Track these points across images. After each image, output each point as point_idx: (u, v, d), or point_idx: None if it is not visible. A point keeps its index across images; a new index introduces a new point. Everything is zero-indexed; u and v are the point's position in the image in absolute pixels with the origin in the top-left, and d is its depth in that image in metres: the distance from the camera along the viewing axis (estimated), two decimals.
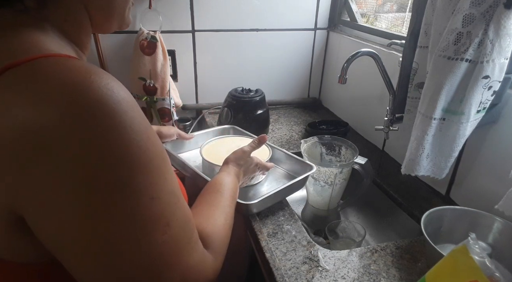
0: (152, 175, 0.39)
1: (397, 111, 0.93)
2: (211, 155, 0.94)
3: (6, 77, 0.35)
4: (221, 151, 0.97)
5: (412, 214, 0.91)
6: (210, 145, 1.01)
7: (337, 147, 1.01)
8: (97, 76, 0.37)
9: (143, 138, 0.38)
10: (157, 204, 0.39)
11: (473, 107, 0.70)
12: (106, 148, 0.35)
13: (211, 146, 1.01)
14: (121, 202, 0.37)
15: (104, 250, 0.37)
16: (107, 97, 0.36)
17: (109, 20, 0.51)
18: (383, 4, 1.54)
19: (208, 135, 1.11)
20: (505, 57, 0.66)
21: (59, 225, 0.36)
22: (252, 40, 1.42)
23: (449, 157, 0.77)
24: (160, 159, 0.41)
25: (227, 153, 0.84)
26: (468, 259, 0.49)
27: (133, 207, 0.37)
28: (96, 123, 0.35)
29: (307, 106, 1.58)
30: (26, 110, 0.33)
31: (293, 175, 0.95)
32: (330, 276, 0.68)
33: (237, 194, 0.74)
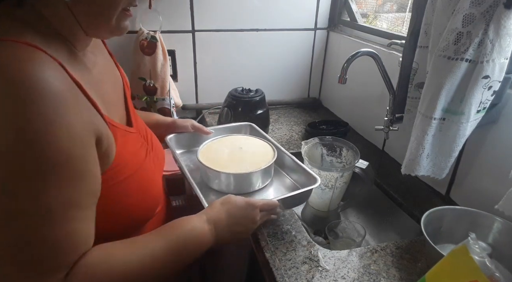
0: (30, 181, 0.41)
1: (397, 111, 0.93)
2: (210, 156, 0.87)
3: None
4: (222, 152, 0.89)
5: (412, 214, 0.91)
6: (211, 144, 0.93)
7: (338, 148, 1.01)
8: (25, 62, 0.40)
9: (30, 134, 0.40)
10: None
11: (473, 107, 0.70)
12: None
13: (211, 146, 0.92)
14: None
15: None
16: (18, 82, 0.39)
17: (95, 26, 0.52)
18: (383, 4, 1.54)
19: (225, 131, 1.03)
20: (505, 57, 0.66)
21: None
22: (252, 40, 1.42)
23: (449, 157, 0.77)
24: (46, 168, 0.41)
25: (228, 156, 0.82)
26: (468, 259, 0.49)
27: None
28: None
29: (307, 106, 1.58)
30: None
31: (295, 185, 0.87)
32: (330, 276, 0.68)
33: (197, 245, 0.60)
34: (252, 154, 0.89)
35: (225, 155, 0.88)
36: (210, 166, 0.81)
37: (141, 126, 0.71)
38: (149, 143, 0.69)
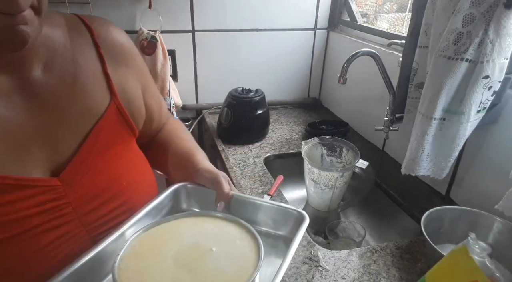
0: None
1: (397, 111, 0.93)
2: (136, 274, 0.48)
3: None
4: (163, 265, 0.49)
5: (412, 214, 0.91)
6: (144, 241, 0.53)
7: (338, 148, 1.01)
8: None
9: None
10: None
11: (473, 107, 0.70)
12: None
13: (144, 245, 0.52)
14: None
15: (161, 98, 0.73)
16: None
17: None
18: (383, 4, 1.54)
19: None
20: (505, 57, 0.66)
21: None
22: (252, 40, 1.42)
23: (449, 157, 0.77)
24: None
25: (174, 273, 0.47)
26: (468, 259, 0.49)
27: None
28: None
29: (307, 106, 1.58)
30: None
31: (275, 233, 0.62)
32: (330, 276, 0.68)
33: None
34: (223, 262, 0.49)
35: (168, 273, 0.48)
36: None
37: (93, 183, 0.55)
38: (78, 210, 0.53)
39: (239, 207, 0.62)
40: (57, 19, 0.56)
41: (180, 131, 0.78)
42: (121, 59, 0.61)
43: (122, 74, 0.61)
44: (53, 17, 0.56)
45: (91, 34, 0.58)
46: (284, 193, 0.96)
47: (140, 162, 0.67)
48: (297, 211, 0.57)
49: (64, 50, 0.54)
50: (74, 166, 0.53)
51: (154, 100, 0.71)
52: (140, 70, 0.66)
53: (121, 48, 0.61)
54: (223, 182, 0.62)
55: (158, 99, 0.74)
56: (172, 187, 0.65)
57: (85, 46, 0.57)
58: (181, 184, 0.66)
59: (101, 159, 0.56)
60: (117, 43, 0.61)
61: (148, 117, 0.69)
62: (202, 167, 0.65)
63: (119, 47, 0.61)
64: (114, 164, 0.59)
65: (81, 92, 0.55)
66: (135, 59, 0.65)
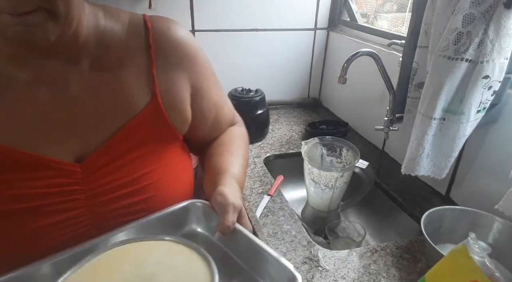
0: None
1: (397, 111, 0.93)
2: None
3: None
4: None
5: (412, 214, 0.91)
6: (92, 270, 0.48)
7: (338, 148, 1.01)
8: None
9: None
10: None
11: (473, 107, 0.70)
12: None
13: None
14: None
15: (220, 103, 0.70)
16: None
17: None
18: (383, 4, 1.54)
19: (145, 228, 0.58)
20: (505, 57, 0.66)
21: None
22: (252, 40, 1.42)
23: (449, 157, 0.77)
24: None
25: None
26: (468, 259, 0.49)
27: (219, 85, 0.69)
28: None
29: (307, 106, 1.58)
30: None
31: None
32: (330, 276, 0.68)
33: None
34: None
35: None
36: None
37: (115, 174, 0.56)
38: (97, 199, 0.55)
39: (237, 243, 0.56)
40: (122, 17, 0.59)
41: (231, 143, 0.72)
42: (175, 61, 0.61)
43: (171, 76, 0.60)
44: (119, 14, 0.59)
45: (148, 34, 0.59)
46: (284, 193, 0.96)
47: (177, 167, 0.65)
48: (290, 271, 0.49)
49: (117, 47, 0.57)
50: (98, 156, 0.55)
51: (208, 106, 0.67)
52: (198, 73, 0.64)
53: (176, 50, 0.61)
54: (229, 212, 0.55)
55: (215, 106, 0.69)
56: (183, 203, 0.61)
57: (138, 45, 0.59)
58: (191, 201, 0.61)
59: (127, 155, 0.57)
60: (173, 44, 0.61)
61: (197, 123, 0.66)
62: (220, 188, 0.58)
63: (174, 49, 0.61)
64: (141, 162, 0.59)
65: (121, 89, 0.57)
66: (193, 61, 0.63)
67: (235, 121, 0.79)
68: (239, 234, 0.55)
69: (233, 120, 0.78)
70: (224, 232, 0.55)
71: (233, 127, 0.77)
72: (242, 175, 0.67)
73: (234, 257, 0.55)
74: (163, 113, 0.59)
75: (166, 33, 0.60)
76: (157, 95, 0.58)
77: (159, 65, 0.59)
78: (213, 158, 0.69)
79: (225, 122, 0.74)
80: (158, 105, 0.59)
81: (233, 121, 0.78)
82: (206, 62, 0.67)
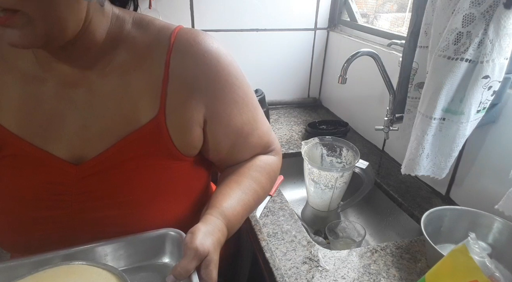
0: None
1: (397, 111, 0.93)
2: None
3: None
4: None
5: (412, 214, 0.91)
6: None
7: (338, 148, 1.01)
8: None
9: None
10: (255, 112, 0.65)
11: (473, 107, 0.70)
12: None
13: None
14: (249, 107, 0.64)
15: (246, 130, 0.64)
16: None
17: None
18: (383, 4, 1.54)
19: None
20: (505, 57, 0.66)
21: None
22: (252, 40, 1.42)
23: (449, 157, 0.77)
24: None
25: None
26: (468, 259, 0.49)
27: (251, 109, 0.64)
28: None
29: (307, 106, 1.58)
30: None
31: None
32: (330, 276, 0.68)
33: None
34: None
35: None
36: None
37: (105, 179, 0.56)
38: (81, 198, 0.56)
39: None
40: (151, 27, 0.58)
41: (246, 176, 0.65)
42: (191, 81, 0.57)
43: (182, 95, 0.57)
44: (149, 24, 0.58)
45: (168, 51, 0.56)
46: (284, 193, 0.96)
47: (173, 189, 0.61)
48: None
49: (135, 57, 0.56)
50: (93, 162, 0.56)
51: (225, 132, 0.62)
52: (215, 96, 0.58)
53: (195, 69, 0.56)
54: (188, 257, 0.49)
55: (235, 134, 0.63)
56: (160, 230, 0.58)
57: (156, 60, 0.56)
58: (167, 230, 0.58)
59: (121, 166, 0.56)
60: (193, 63, 0.56)
61: (210, 148, 0.63)
62: (197, 225, 0.53)
63: (193, 68, 0.56)
64: (133, 176, 0.57)
65: (128, 99, 0.56)
66: (214, 82, 0.58)
67: (270, 149, 0.71)
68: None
69: (266, 148, 0.70)
70: (177, 278, 0.49)
71: (262, 157, 0.69)
72: (236, 213, 0.59)
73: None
74: (164, 132, 0.56)
75: (187, 49, 0.56)
76: (162, 113, 0.56)
77: (172, 83, 0.56)
78: (219, 185, 0.64)
79: (250, 150, 0.67)
80: (161, 123, 0.56)
81: (265, 149, 0.70)
82: (231, 84, 0.60)
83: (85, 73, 0.55)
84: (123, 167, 0.56)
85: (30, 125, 0.55)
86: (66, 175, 0.56)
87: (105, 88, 0.56)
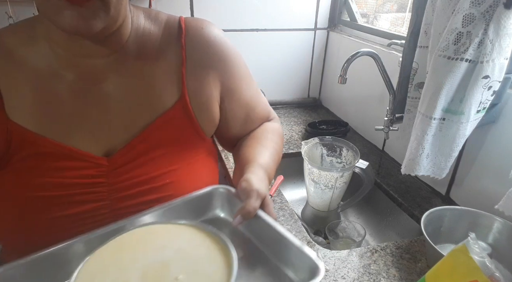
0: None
1: (397, 111, 0.93)
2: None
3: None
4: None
5: (412, 214, 0.91)
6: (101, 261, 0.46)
7: (338, 148, 1.01)
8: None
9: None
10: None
11: (473, 107, 0.70)
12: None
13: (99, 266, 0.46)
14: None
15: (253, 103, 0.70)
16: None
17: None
18: (383, 4, 1.54)
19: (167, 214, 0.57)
20: (505, 57, 0.66)
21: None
22: (252, 40, 1.42)
23: (449, 157, 0.77)
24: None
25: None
26: (468, 259, 0.49)
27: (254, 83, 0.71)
28: None
29: (307, 106, 1.58)
30: None
31: (286, 274, 0.51)
32: (330, 276, 0.68)
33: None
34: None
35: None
36: None
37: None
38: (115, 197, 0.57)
39: (258, 229, 0.54)
40: (159, 19, 0.62)
41: (263, 137, 0.70)
42: (205, 59, 0.61)
43: (200, 75, 0.61)
44: (157, 16, 0.62)
45: (181, 35, 0.60)
46: (284, 193, 0.96)
47: (200, 170, 0.65)
48: (313, 260, 0.47)
49: (152, 47, 0.59)
50: (124, 152, 0.57)
51: (238, 106, 0.67)
52: (229, 72, 0.64)
53: (208, 48, 0.62)
54: (253, 197, 0.53)
55: (246, 106, 0.69)
56: (207, 188, 0.60)
57: (172, 46, 0.60)
58: (215, 187, 0.60)
59: (151, 153, 0.59)
60: (205, 43, 0.61)
61: (227, 122, 0.67)
62: (246, 175, 0.57)
63: (206, 47, 0.61)
64: (164, 161, 0.59)
65: (151, 88, 0.58)
66: (224, 60, 0.63)
67: (270, 118, 0.78)
68: (260, 221, 0.53)
69: (268, 117, 0.77)
70: (245, 217, 0.53)
71: (267, 123, 0.76)
72: (271, 166, 0.65)
73: (257, 245, 0.53)
74: (190, 113, 0.60)
75: (199, 32, 0.61)
76: (185, 95, 0.60)
77: (189, 64, 0.60)
78: (242, 149, 0.68)
79: (258, 121, 0.74)
80: (185, 104, 0.60)
81: (267, 119, 0.77)
82: (239, 62, 0.66)
83: (107, 67, 0.56)
84: (153, 152, 0.59)
85: (50, 123, 0.55)
86: (98, 167, 0.56)
87: (128, 80, 0.57)
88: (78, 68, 0.55)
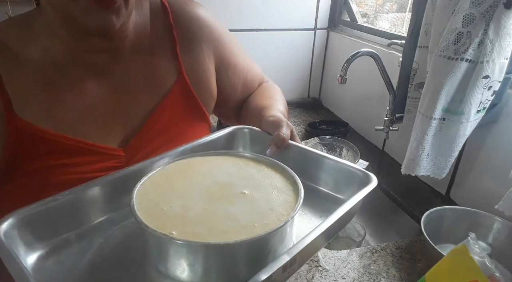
0: None
1: (397, 111, 0.93)
2: (157, 211, 0.41)
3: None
4: (190, 201, 0.42)
5: (412, 214, 0.91)
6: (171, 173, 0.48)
7: (338, 148, 1.01)
8: None
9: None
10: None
11: (473, 107, 0.70)
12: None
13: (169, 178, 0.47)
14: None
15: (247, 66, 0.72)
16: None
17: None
18: (383, 4, 1.54)
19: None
20: (505, 57, 0.66)
21: None
22: (252, 40, 1.42)
23: (449, 157, 0.77)
24: None
25: (203, 209, 0.41)
26: (468, 259, 0.49)
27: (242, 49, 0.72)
28: None
29: (307, 106, 1.58)
30: None
31: (334, 196, 0.53)
32: (330, 276, 0.68)
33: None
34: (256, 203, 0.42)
35: (196, 208, 0.41)
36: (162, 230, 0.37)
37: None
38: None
39: (295, 158, 0.54)
40: (144, 5, 0.62)
41: (268, 91, 0.74)
42: (195, 34, 0.63)
43: (194, 51, 0.63)
44: (141, 3, 0.62)
45: (167, 15, 0.62)
46: None
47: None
48: (362, 172, 0.49)
49: (145, 34, 0.60)
50: (137, 140, 0.58)
51: (235, 71, 0.70)
52: (219, 41, 0.66)
53: (194, 23, 0.63)
54: (283, 126, 0.55)
55: (243, 71, 0.72)
56: (229, 128, 0.59)
57: (162, 28, 0.61)
58: (238, 127, 0.60)
59: (160, 137, 0.60)
60: (192, 17, 0.63)
61: (228, 91, 0.69)
62: (269, 113, 0.59)
63: (194, 20, 0.63)
64: (172, 144, 0.59)
65: (152, 72, 0.60)
66: (214, 31, 0.65)
67: (265, 80, 0.81)
68: (293, 148, 0.55)
69: (263, 79, 0.79)
70: (279, 146, 0.53)
71: (264, 83, 0.79)
72: (285, 114, 0.67)
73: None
74: (190, 90, 0.62)
75: (183, 8, 0.63)
76: (183, 73, 0.61)
77: (182, 43, 0.62)
78: (252, 103, 0.69)
79: (256, 82, 0.76)
80: (185, 83, 0.61)
81: (262, 80, 0.79)
82: (225, 30, 0.68)
83: (113, 60, 0.57)
84: (162, 136, 0.60)
85: (61, 118, 0.54)
86: (116, 159, 0.56)
87: (131, 69, 0.58)
88: (83, 63, 0.55)
